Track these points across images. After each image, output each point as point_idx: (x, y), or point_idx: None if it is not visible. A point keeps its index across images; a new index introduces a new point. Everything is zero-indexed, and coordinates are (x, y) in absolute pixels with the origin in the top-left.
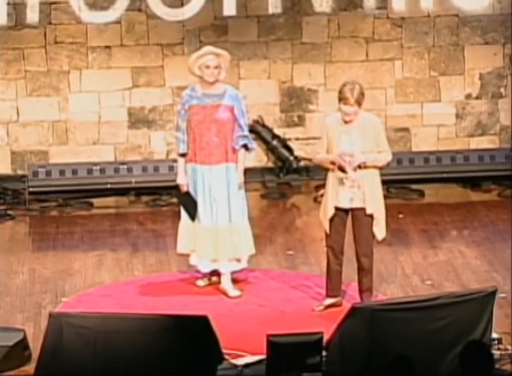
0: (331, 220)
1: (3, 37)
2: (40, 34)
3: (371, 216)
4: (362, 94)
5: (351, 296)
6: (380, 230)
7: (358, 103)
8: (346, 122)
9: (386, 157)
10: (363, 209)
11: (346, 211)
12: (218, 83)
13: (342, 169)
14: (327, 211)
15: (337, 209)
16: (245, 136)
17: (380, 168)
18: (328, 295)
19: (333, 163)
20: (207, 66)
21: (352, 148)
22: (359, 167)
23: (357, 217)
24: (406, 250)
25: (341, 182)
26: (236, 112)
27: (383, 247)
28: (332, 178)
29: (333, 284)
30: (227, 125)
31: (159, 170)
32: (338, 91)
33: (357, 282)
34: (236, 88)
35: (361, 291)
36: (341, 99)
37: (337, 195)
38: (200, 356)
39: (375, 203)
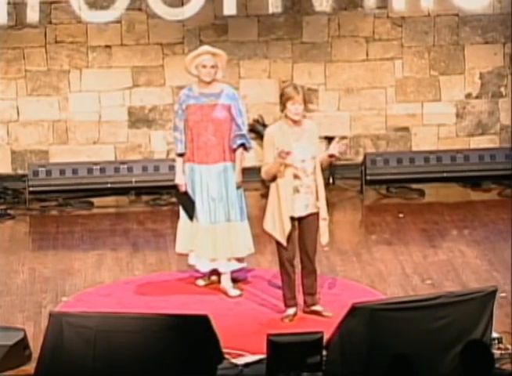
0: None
1: (3, 37)
2: (40, 33)
3: (318, 221)
4: (305, 94)
5: (350, 295)
6: (325, 234)
7: (305, 102)
8: (295, 122)
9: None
10: (314, 214)
11: (298, 218)
12: (215, 82)
13: (297, 176)
14: (284, 225)
15: (291, 219)
16: (242, 135)
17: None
18: (289, 305)
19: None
20: (204, 66)
21: (305, 153)
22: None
23: (308, 222)
24: (406, 249)
25: (296, 190)
26: (233, 111)
27: (383, 246)
28: (283, 188)
29: (293, 293)
30: (224, 125)
31: (159, 169)
32: (280, 95)
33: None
34: (236, 87)
35: (304, 294)
36: (288, 99)
37: (293, 204)
38: (200, 356)
39: (325, 206)
